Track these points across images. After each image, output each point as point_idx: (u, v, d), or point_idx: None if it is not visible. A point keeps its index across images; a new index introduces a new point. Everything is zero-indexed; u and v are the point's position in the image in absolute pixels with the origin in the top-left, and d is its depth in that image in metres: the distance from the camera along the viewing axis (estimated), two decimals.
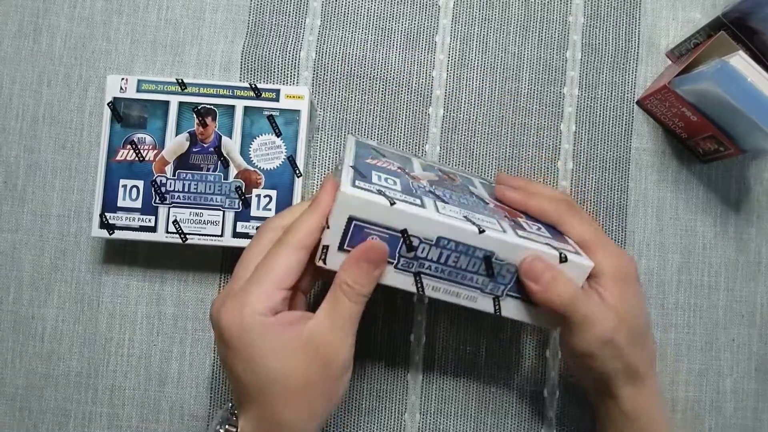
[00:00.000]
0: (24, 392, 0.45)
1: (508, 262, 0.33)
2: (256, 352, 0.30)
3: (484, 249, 0.32)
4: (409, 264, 0.33)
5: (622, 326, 0.34)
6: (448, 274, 0.33)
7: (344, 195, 0.31)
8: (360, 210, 0.31)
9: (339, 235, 0.32)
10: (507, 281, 0.34)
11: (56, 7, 0.47)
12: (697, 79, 0.40)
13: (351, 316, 0.31)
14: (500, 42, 0.48)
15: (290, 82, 0.47)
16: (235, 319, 0.30)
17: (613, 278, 0.35)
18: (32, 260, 0.46)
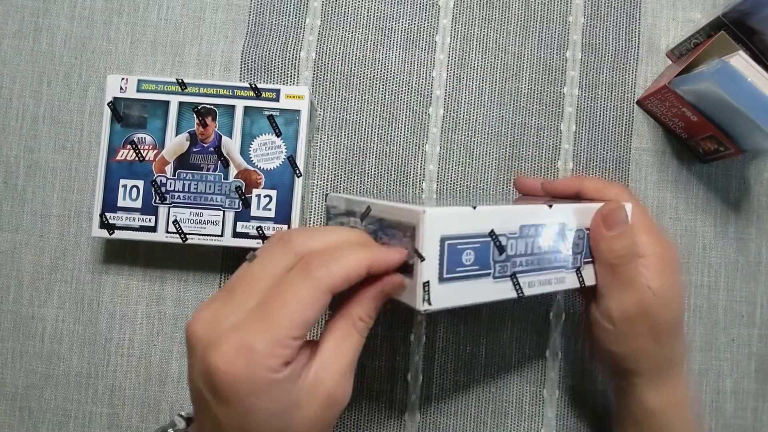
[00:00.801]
0: (24, 392, 0.45)
1: (578, 228, 0.34)
2: (265, 413, 0.25)
3: (558, 223, 0.33)
4: (504, 268, 0.31)
5: (664, 305, 0.34)
6: (537, 262, 0.32)
7: (431, 215, 0.28)
8: (449, 226, 0.29)
9: (437, 264, 0.28)
10: (581, 248, 0.35)
11: (56, 7, 0.47)
12: (698, 79, 0.40)
13: (358, 350, 0.28)
14: (500, 42, 0.48)
15: (290, 82, 0.47)
16: (240, 375, 0.24)
17: (658, 261, 0.35)
18: (32, 260, 0.46)
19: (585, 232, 0.35)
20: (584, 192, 0.38)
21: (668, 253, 0.36)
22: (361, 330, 0.28)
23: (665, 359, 0.36)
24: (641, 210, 0.37)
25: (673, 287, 0.35)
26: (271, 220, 0.41)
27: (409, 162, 0.47)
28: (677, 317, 0.36)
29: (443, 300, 0.28)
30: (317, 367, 0.26)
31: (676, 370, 0.36)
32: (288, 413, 0.25)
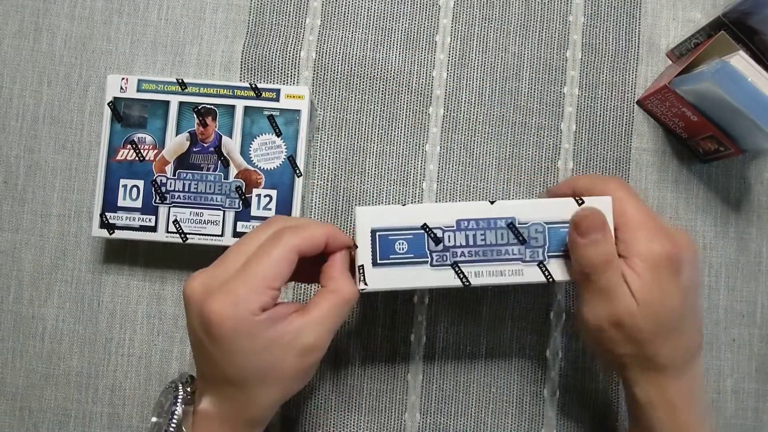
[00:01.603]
0: (24, 392, 0.45)
1: (533, 222, 0.35)
2: (246, 349, 0.31)
3: (504, 218, 0.34)
4: (443, 257, 0.35)
5: (644, 312, 0.32)
6: (483, 254, 0.35)
7: (361, 210, 0.35)
8: (379, 221, 0.35)
9: (369, 251, 0.34)
10: (542, 242, 0.35)
11: (56, 7, 0.47)
12: (698, 79, 0.40)
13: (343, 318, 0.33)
14: (500, 42, 0.48)
15: (290, 81, 0.47)
16: (227, 315, 0.30)
17: (647, 262, 0.33)
18: (32, 260, 0.46)
19: (545, 225, 0.35)
20: (577, 192, 0.36)
21: (664, 250, 0.33)
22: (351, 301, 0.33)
23: (649, 360, 0.34)
24: (637, 205, 0.35)
25: (668, 286, 0.33)
26: None
27: (409, 162, 0.47)
28: (675, 318, 0.33)
29: (379, 282, 0.34)
30: (301, 325, 0.32)
31: (669, 370, 0.34)
32: (267, 352, 0.31)
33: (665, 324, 0.33)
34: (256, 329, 0.31)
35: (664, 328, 0.33)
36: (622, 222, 0.34)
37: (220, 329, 0.30)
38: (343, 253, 0.35)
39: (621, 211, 0.35)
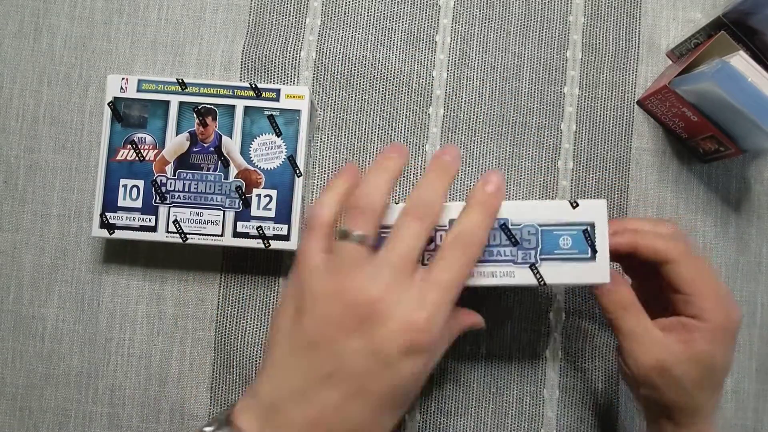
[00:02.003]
0: (24, 392, 0.45)
1: (526, 223, 0.35)
2: (432, 360, 0.31)
3: (497, 218, 0.34)
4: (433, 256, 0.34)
5: (700, 366, 0.34)
6: None
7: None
8: None
9: None
10: (535, 244, 0.35)
11: (56, 7, 0.47)
12: (698, 79, 0.40)
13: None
14: (500, 42, 0.48)
15: (290, 81, 0.47)
16: (435, 334, 0.29)
17: (714, 331, 0.34)
18: (32, 260, 0.46)
19: (538, 227, 0.34)
20: (640, 254, 0.36)
21: (730, 320, 0.34)
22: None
23: (696, 410, 0.35)
24: (702, 267, 0.35)
25: (726, 352, 0.35)
26: (271, 220, 0.41)
27: (409, 162, 0.47)
28: (718, 377, 0.35)
29: None
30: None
31: (708, 417, 0.35)
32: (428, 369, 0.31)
33: (717, 378, 0.35)
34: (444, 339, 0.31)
35: (714, 381, 0.35)
36: (689, 286, 0.34)
37: (428, 346, 0.29)
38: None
39: (689, 277, 0.35)
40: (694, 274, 0.35)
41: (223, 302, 0.45)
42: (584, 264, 0.34)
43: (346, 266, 0.29)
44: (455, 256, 0.30)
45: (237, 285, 0.45)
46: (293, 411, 0.29)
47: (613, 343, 0.45)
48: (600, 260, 0.34)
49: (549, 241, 0.34)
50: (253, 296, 0.45)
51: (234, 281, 0.45)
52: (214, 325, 0.45)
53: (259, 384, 0.30)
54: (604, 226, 0.34)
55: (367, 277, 0.29)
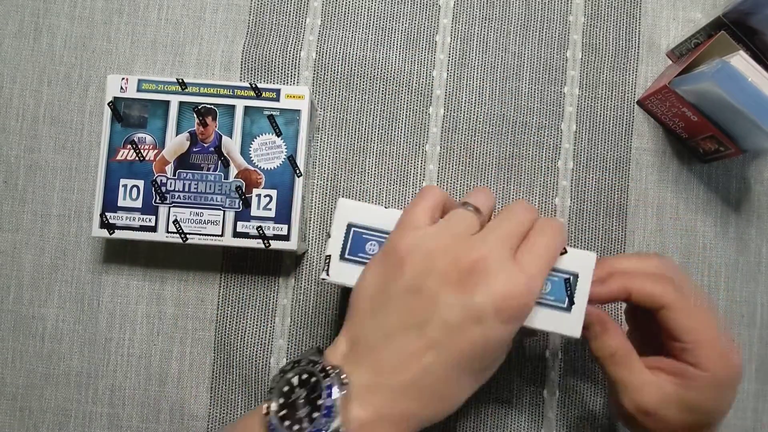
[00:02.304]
0: (24, 392, 0.45)
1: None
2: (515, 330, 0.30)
3: None
4: None
5: (690, 413, 0.33)
6: None
7: (343, 202, 0.35)
8: (358, 216, 0.35)
9: (341, 244, 0.35)
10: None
11: (57, 7, 0.47)
12: (698, 79, 0.40)
13: None
14: (500, 42, 0.48)
15: (290, 81, 0.47)
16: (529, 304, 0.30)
17: (713, 382, 0.32)
18: (32, 260, 0.46)
19: None
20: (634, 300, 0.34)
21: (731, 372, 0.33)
22: None
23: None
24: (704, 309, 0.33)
25: (726, 401, 0.34)
26: (271, 220, 0.41)
27: (409, 162, 0.47)
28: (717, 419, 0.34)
29: (341, 276, 0.34)
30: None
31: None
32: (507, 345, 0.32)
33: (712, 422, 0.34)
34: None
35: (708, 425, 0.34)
36: (687, 335, 0.33)
37: (519, 314, 0.29)
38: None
39: (686, 325, 0.33)
40: (691, 321, 0.33)
41: (223, 302, 0.45)
42: (558, 313, 0.33)
43: (456, 226, 0.31)
44: (549, 236, 0.31)
45: (237, 285, 0.45)
46: (382, 352, 0.29)
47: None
48: (575, 313, 0.33)
49: None
50: (253, 296, 0.45)
51: (234, 281, 0.45)
52: (214, 325, 0.45)
53: (350, 327, 0.31)
54: (587, 280, 0.33)
55: (475, 239, 0.30)
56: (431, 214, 0.32)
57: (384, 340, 0.29)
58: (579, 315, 0.33)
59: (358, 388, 0.28)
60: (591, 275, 0.33)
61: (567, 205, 0.46)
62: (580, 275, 0.33)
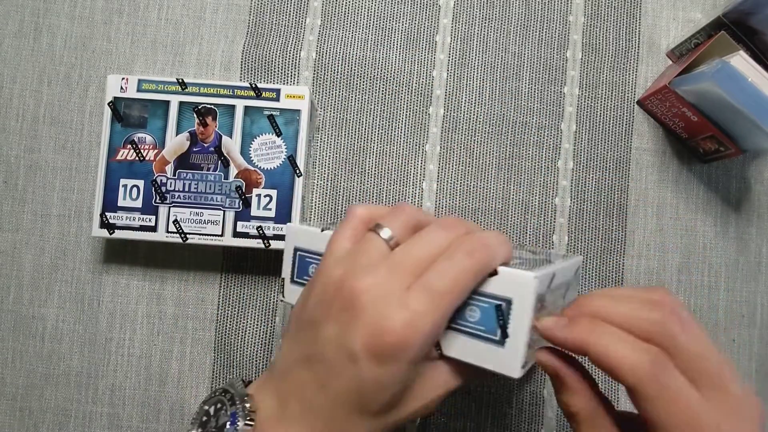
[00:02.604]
0: (24, 392, 0.45)
1: None
2: (404, 376, 0.27)
3: None
4: None
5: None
6: None
7: (288, 227, 0.35)
8: (301, 240, 0.34)
9: (290, 267, 0.34)
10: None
11: (57, 7, 0.47)
12: (698, 79, 0.40)
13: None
14: (500, 42, 0.48)
15: (290, 81, 0.47)
16: (409, 343, 0.26)
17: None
18: (33, 260, 0.46)
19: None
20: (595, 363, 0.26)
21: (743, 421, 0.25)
22: None
23: None
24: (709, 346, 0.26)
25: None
26: (271, 220, 0.41)
27: (409, 162, 0.47)
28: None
29: (293, 298, 0.34)
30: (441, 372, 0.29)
31: None
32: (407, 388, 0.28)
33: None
34: (421, 365, 0.27)
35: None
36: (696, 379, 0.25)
37: (394, 355, 0.25)
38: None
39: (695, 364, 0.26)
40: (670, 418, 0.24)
41: (223, 302, 0.45)
42: (491, 347, 0.27)
43: (359, 256, 0.28)
44: (454, 262, 0.27)
45: (237, 285, 0.45)
46: (284, 383, 0.29)
47: None
48: (510, 348, 0.27)
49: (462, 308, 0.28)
50: (253, 296, 0.45)
51: (234, 281, 0.45)
52: (214, 325, 0.45)
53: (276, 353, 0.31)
54: (526, 308, 0.26)
55: (367, 269, 0.27)
56: (352, 235, 0.30)
57: (287, 370, 0.29)
58: (515, 351, 0.27)
59: (265, 416, 0.28)
60: (532, 302, 0.26)
61: (567, 205, 0.46)
62: (514, 302, 0.27)
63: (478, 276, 0.27)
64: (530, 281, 0.26)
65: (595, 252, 0.46)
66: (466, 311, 0.28)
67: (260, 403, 0.29)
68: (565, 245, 0.46)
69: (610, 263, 0.46)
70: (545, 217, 0.46)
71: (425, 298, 0.26)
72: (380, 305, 0.26)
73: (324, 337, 0.27)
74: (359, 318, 0.26)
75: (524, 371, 0.27)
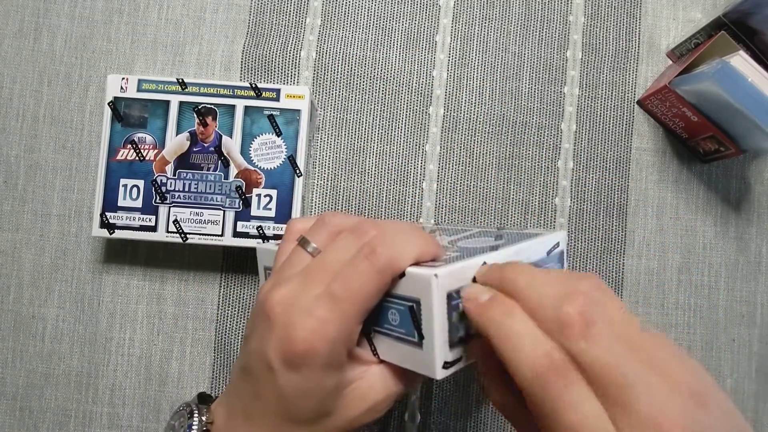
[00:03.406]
0: (24, 392, 0.45)
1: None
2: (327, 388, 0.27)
3: None
4: None
5: None
6: None
7: (259, 248, 0.36)
8: (267, 259, 0.35)
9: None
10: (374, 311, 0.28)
11: (57, 7, 0.47)
12: (698, 79, 0.40)
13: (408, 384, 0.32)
14: (501, 41, 0.48)
15: (290, 81, 0.47)
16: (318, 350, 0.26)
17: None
18: (33, 260, 0.46)
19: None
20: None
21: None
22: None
23: None
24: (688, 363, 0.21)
25: None
26: (271, 220, 0.41)
27: (409, 162, 0.47)
28: None
29: None
30: (379, 369, 0.29)
31: None
32: (344, 397, 0.28)
33: None
34: (343, 368, 0.27)
35: None
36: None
37: (304, 362, 0.26)
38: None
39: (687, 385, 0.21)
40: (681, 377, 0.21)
41: (223, 302, 0.45)
42: (412, 348, 0.27)
43: (285, 269, 0.29)
44: (354, 268, 0.27)
45: (237, 285, 0.45)
46: (231, 394, 0.30)
47: None
48: (427, 348, 0.26)
49: (381, 310, 0.28)
50: (253, 296, 0.45)
51: (234, 281, 0.45)
52: (214, 325, 0.45)
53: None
54: (432, 308, 0.25)
55: (279, 283, 0.28)
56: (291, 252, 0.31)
57: (233, 382, 0.30)
58: (432, 351, 0.26)
59: (218, 427, 0.30)
60: (439, 301, 0.25)
61: (567, 205, 0.46)
62: (422, 302, 0.26)
63: (382, 279, 0.27)
64: (431, 280, 0.25)
65: (595, 252, 0.46)
66: (388, 314, 0.28)
67: (216, 415, 0.30)
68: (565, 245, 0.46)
69: (610, 263, 0.46)
70: (545, 217, 0.46)
71: (328, 305, 0.26)
72: (290, 315, 0.27)
73: (250, 350, 0.28)
74: (273, 329, 0.27)
75: (451, 371, 0.26)
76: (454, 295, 0.26)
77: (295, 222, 0.33)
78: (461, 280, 0.26)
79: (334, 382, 0.27)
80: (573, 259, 0.46)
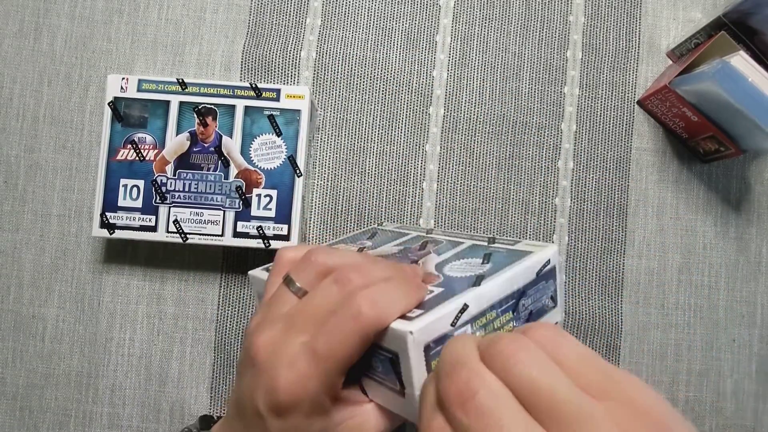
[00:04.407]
0: (24, 392, 0.45)
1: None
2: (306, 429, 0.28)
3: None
4: None
5: None
6: None
7: (251, 274, 0.36)
8: (260, 286, 0.34)
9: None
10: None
11: (57, 7, 0.47)
12: (698, 79, 0.40)
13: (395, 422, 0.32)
14: (501, 42, 0.48)
15: (291, 81, 0.47)
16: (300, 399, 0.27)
17: None
18: (33, 260, 0.46)
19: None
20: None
21: None
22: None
23: None
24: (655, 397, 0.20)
25: None
26: (271, 220, 0.41)
27: (409, 162, 0.47)
28: None
29: None
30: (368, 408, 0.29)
31: None
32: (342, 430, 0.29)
33: None
34: (329, 413, 0.28)
35: None
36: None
37: (289, 410, 0.27)
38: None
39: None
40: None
41: (223, 302, 0.45)
42: (396, 396, 0.28)
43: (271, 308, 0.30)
44: (339, 326, 0.27)
45: (237, 285, 0.45)
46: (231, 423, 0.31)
47: (611, 342, 0.45)
48: (410, 398, 0.27)
49: (368, 357, 0.28)
50: (253, 296, 0.45)
51: (234, 281, 0.45)
52: (214, 325, 0.45)
53: None
54: (409, 362, 0.26)
55: (269, 323, 0.29)
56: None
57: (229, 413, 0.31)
58: (413, 401, 0.26)
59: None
60: (413, 356, 0.26)
61: (567, 205, 0.46)
62: (400, 356, 0.26)
63: (365, 336, 0.27)
64: (407, 337, 0.26)
65: (595, 252, 0.46)
66: (373, 362, 0.28)
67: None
68: (565, 245, 0.46)
69: (610, 263, 0.46)
70: (545, 217, 0.46)
71: (309, 361, 0.27)
72: (274, 362, 0.27)
73: (243, 390, 0.29)
74: (259, 375, 0.28)
75: None
76: (431, 345, 0.26)
77: (285, 252, 0.32)
78: (439, 329, 0.27)
79: (320, 426, 0.28)
80: (573, 260, 0.46)
